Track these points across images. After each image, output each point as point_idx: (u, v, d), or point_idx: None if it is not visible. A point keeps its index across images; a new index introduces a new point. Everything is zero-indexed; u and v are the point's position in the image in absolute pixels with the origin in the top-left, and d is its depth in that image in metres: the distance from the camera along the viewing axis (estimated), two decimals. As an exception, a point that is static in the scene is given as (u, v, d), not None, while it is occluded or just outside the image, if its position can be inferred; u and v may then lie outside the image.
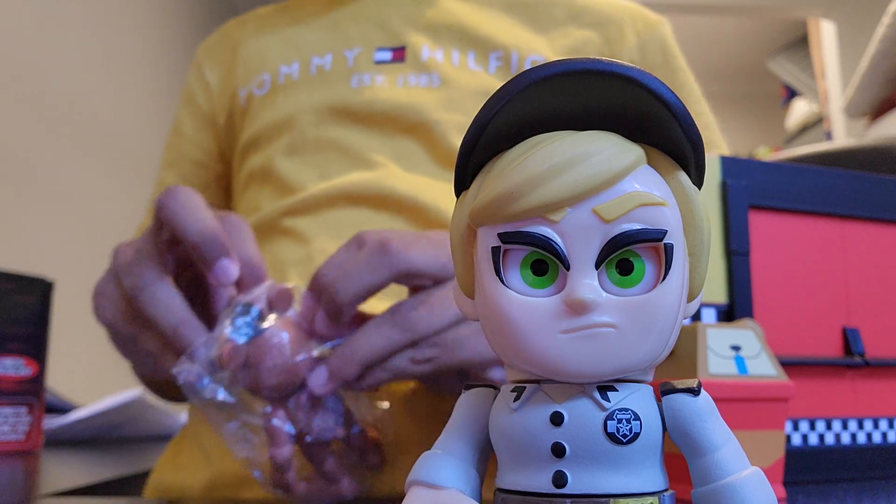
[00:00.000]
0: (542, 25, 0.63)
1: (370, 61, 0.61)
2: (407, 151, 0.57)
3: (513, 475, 0.19)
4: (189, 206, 0.39)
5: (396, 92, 0.58)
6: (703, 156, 0.20)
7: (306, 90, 0.61)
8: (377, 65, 0.61)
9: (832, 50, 3.03)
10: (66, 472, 0.61)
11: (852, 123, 2.63)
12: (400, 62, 0.60)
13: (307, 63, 0.62)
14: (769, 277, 0.43)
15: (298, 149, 0.59)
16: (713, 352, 0.33)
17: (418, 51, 0.60)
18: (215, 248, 0.38)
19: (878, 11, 1.36)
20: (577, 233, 0.18)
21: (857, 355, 0.44)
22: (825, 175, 0.46)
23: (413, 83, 0.59)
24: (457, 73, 0.59)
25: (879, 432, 0.44)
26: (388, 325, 0.37)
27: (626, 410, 0.18)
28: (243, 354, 0.36)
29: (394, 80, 0.59)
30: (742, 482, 0.18)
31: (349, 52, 0.62)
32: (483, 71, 0.60)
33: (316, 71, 0.62)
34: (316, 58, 0.62)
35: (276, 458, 0.37)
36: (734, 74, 4.38)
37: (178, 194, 0.40)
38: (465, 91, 0.58)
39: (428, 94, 0.58)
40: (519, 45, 0.61)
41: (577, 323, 0.18)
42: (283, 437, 0.37)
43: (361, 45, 0.62)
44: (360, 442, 0.40)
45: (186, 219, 0.39)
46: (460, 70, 0.60)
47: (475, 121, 0.19)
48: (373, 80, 0.59)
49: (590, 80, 0.18)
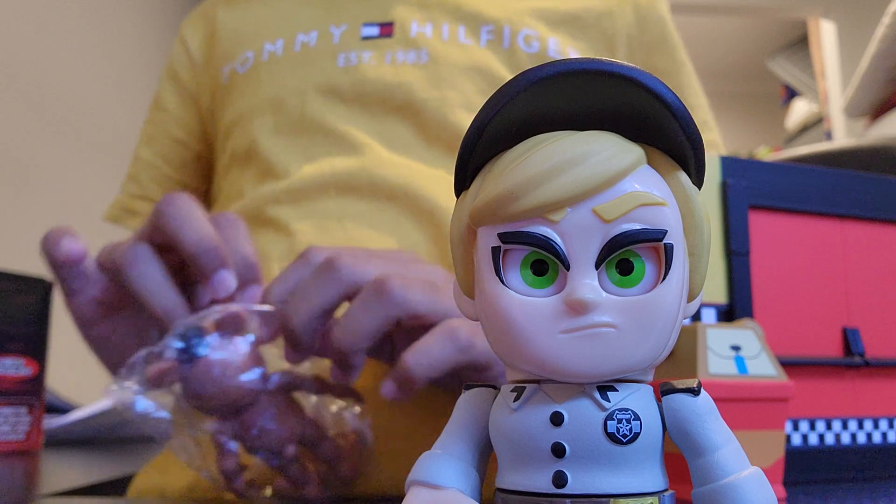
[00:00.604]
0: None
1: (357, 37, 0.59)
2: (395, 133, 0.56)
3: (513, 475, 0.19)
4: (188, 214, 0.39)
5: (384, 70, 0.57)
6: (703, 156, 0.20)
7: (291, 68, 0.59)
8: (364, 41, 0.59)
9: (832, 50, 3.03)
10: (66, 472, 0.61)
11: (852, 123, 2.63)
12: (388, 38, 0.59)
13: (292, 40, 0.61)
14: (769, 277, 0.43)
15: (283, 129, 0.57)
16: (713, 352, 0.33)
17: (407, 26, 0.59)
18: (214, 259, 0.38)
19: (878, 11, 1.36)
20: (577, 233, 0.18)
21: (857, 355, 0.44)
22: (825, 175, 0.46)
23: (401, 60, 0.58)
24: (446, 48, 0.58)
25: (879, 432, 0.44)
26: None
27: (626, 410, 0.18)
28: (178, 374, 0.36)
29: (381, 56, 0.58)
30: (742, 482, 0.18)
31: (335, 28, 0.60)
32: (474, 44, 0.59)
33: (301, 48, 0.60)
34: (301, 34, 0.61)
35: (222, 468, 0.37)
36: (734, 74, 4.38)
37: (177, 201, 0.39)
38: (453, 66, 0.57)
39: (416, 72, 0.57)
40: (512, 18, 0.60)
41: (577, 323, 0.18)
42: (227, 451, 0.37)
43: (348, 22, 0.60)
44: (330, 453, 0.40)
45: (184, 228, 0.38)
46: (450, 44, 0.58)
47: (475, 121, 0.19)
48: (359, 58, 0.58)
49: (590, 80, 0.18)
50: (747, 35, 3.96)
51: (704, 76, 0.69)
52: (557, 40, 0.60)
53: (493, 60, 0.58)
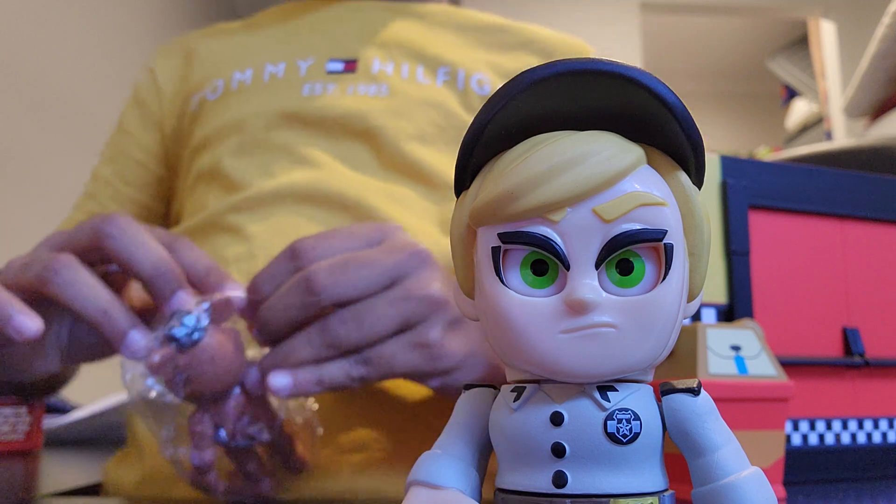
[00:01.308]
0: (491, 48, 0.66)
1: (322, 71, 0.63)
2: (353, 154, 0.58)
3: (513, 475, 0.19)
4: (138, 236, 0.38)
5: (346, 100, 0.60)
6: (703, 156, 0.20)
7: (258, 96, 0.62)
8: (329, 74, 0.62)
9: (832, 50, 3.03)
10: (66, 472, 0.61)
11: (852, 123, 2.63)
12: (351, 73, 0.62)
13: (261, 70, 0.64)
14: (769, 277, 0.43)
15: (247, 150, 0.60)
16: (713, 352, 0.33)
17: (369, 63, 0.63)
18: (172, 281, 0.38)
19: (878, 11, 1.37)
20: (577, 233, 0.18)
21: (857, 355, 0.44)
22: (825, 175, 0.46)
23: (362, 92, 0.61)
24: (405, 85, 0.61)
25: (879, 432, 0.44)
26: (318, 337, 0.37)
27: (626, 410, 0.18)
28: (177, 363, 0.36)
29: (344, 89, 0.61)
30: (742, 482, 0.18)
31: (302, 62, 0.64)
32: (431, 83, 0.62)
33: (269, 78, 0.63)
34: (269, 65, 0.64)
35: (196, 461, 0.37)
36: (734, 74, 4.39)
37: (121, 223, 0.38)
38: (412, 101, 0.60)
39: (376, 102, 0.60)
40: (466, 63, 0.63)
41: (577, 323, 0.18)
42: (206, 441, 0.37)
43: (315, 56, 0.64)
44: (285, 444, 0.40)
45: (137, 250, 0.37)
46: (409, 82, 0.62)
47: (475, 121, 0.19)
48: (324, 90, 0.61)
49: (590, 80, 0.18)
50: (747, 35, 3.97)
51: (704, 76, 0.69)
52: None
53: (448, 98, 0.61)
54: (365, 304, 0.38)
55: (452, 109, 0.60)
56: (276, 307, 0.38)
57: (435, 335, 0.39)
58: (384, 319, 0.38)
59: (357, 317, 0.37)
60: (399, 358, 0.38)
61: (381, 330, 0.38)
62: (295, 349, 0.37)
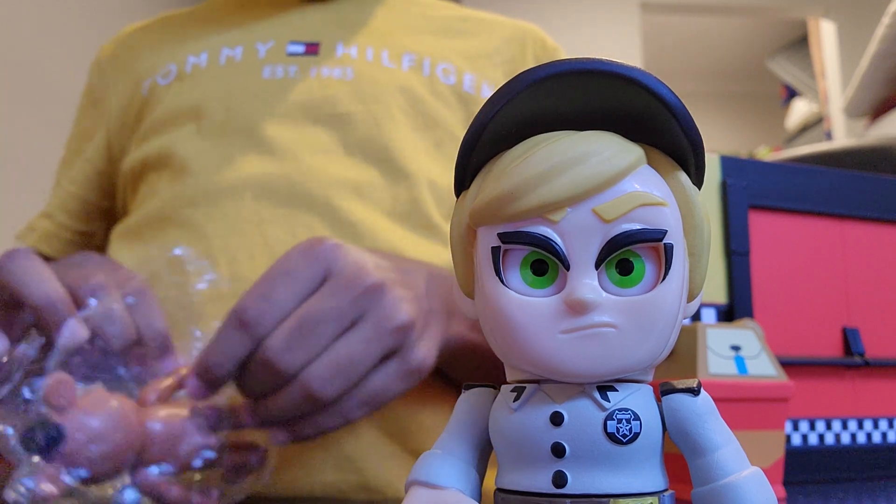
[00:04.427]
0: (452, 34, 0.66)
1: (282, 53, 0.60)
2: (316, 139, 0.56)
3: (513, 475, 0.19)
4: (30, 269, 0.38)
5: (310, 83, 0.58)
6: (703, 156, 0.20)
7: (215, 79, 0.60)
8: (290, 56, 0.60)
9: (832, 50, 3.03)
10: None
11: (852, 123, 2.63)
12: (314, 55, 0.60)
13: (217, 53, 0.61)
14: (769, 277, 0.43)
15: (205, 134, 0.57)
16: (713, 352, 0.33)
17: (332, 46, 0.61)
18: (61, 309, 0.37)
19: (878, 11, 1.36)
20: (577, 233, 0.18)
21: (857, 355, 0.44)
22: (825, 175, 0.46)
23: (326, 74, 0.59)
24: (370, 68, 0.59)
25: (879, 432, 0.44)
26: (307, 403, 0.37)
27: (625, 410, 0.18)
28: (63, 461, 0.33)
29: (307, 71, 0.59)
30: (742, 482, 0.18)
31: (261, 45, 0.61)
32: (396, 68, 0.60)
33: (226, 61, 0.60)
34: (226, 49, 0.61)
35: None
36: (734, 74, 4.38)
37: (18, 257, 0.38)
38: (378, 84, 0.58)
39: (341, 86, 0.58)
40: (432, 52, 0.62)
41: (577, 323, 0.18)
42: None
43: (274, 39, 0.61)
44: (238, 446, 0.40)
45: (29, 282, 0.37)
46: (374, 65, 0.60)
47: (475, 121, 0.19)
48: (286, 72, 0.59)
49: (590, 80, 0.18)
50: (747, 35, 3.96)
51: (704, 76, 0.69)
52: (473, 77, 0.62)
53: (415, 83, 0.60)
54: (339, 353, 0.37)
55: (419, 94, 0.59)
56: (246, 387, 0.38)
57: (417, 356, 0.40)
58: (364, 361, 0.38)
59: (336, 370, 0.37)
60: (391, 388, 0.39)
61: (363, 370, 0.38)
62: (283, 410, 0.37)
